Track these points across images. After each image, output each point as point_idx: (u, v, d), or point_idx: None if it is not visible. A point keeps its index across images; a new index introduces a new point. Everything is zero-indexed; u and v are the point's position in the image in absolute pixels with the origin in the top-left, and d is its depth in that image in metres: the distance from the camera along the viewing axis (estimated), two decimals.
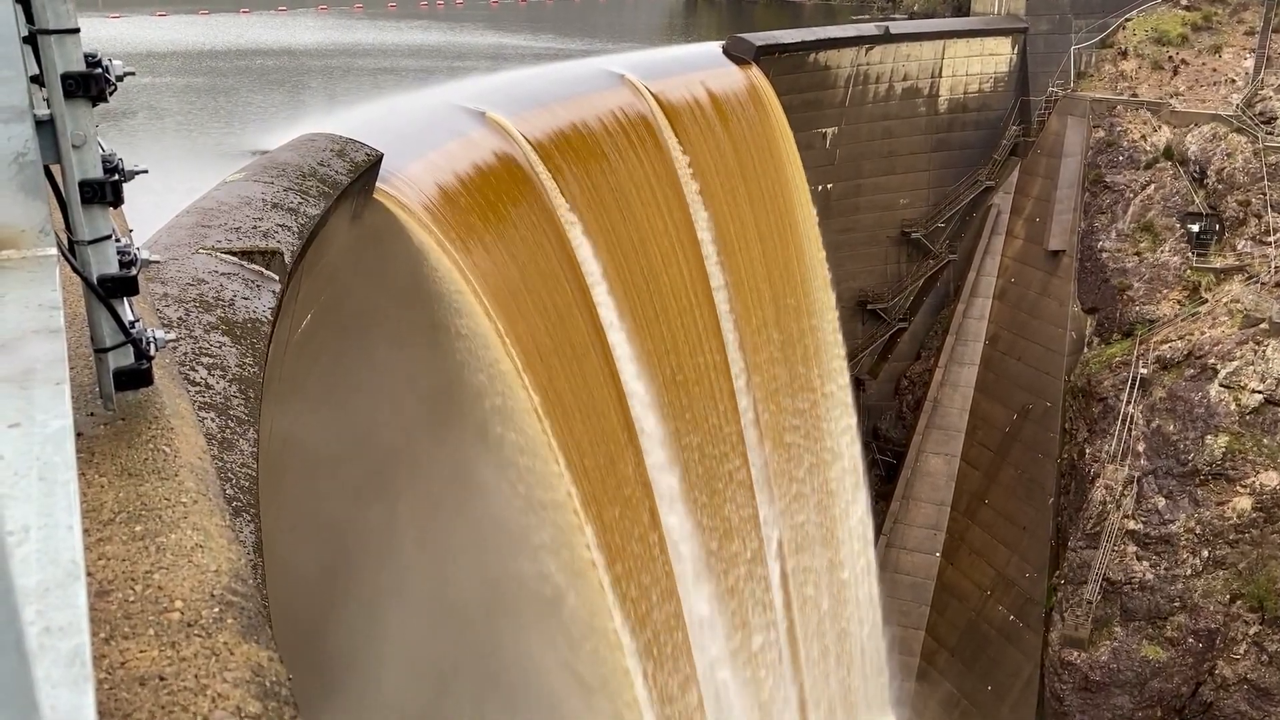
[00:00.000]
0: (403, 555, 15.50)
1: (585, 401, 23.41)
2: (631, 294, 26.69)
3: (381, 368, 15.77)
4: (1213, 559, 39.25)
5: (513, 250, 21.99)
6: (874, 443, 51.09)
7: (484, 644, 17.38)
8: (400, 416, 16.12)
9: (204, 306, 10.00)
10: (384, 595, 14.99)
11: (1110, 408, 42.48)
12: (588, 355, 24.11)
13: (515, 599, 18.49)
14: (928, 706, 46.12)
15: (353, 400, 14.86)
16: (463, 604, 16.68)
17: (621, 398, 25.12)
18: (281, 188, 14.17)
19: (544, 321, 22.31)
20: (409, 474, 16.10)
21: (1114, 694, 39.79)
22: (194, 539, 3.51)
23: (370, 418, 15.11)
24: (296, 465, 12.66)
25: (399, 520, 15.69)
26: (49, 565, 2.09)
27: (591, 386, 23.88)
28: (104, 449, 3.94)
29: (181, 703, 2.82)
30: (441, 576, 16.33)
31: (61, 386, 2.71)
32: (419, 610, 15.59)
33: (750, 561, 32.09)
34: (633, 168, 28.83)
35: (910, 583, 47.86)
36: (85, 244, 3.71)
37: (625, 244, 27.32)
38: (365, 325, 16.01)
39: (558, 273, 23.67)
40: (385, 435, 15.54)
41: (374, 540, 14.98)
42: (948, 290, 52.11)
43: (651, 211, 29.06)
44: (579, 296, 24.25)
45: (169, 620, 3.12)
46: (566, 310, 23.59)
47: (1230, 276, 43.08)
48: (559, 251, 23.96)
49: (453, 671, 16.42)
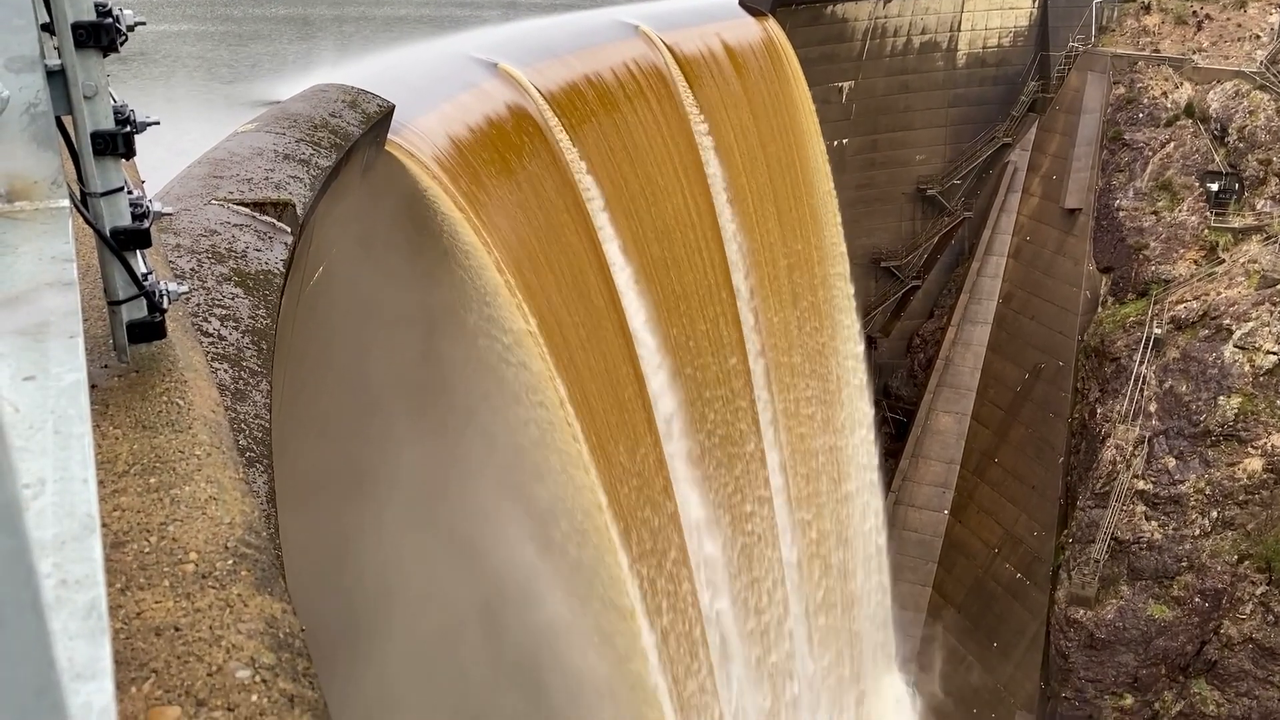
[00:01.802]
0: (407, 483, 15.74)
1: (599, 364, 23.43)
2: (644, 248, 26.58)
3: (387, 316, 15.85)
4: (1222, 520, 39.30)
5: (524, 203, 21.89)
6: (885, 401, 51.12)
7: (489, 563, 17.62)
8: (403, 362, 16.24)
9: (216, 258, 10.00)
10: (392, 525, 15.25)
11: (1123, 368, 42.33)
12: (599, 308, 24.08)
13: (518, 522, 18.68)
14: (933, 662, 46.56)
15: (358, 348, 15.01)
16: (466, 532, 16.94)
17: (633, 356, 25.12)
18: (293, 139, 14.10)
19: (555, 277, 22.27)
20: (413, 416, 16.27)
21: (1119, 652, 40.09)
22: (208, 491, 3.54)
23: (374, 363, 15.29)
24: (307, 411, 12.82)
25: (403, 456, 15.89)
26: (65, 518, 2.11)
27: (605, 347, 23.89)
28: (118, 401, 3.96)
29: (197, 653, 2.86)
30: (443, 500, 16.64)
31: (75, 339, 2.71)
32: (424, 538, 15.89)
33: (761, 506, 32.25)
34: (646, 121, 28.58)
35: (918, 540, 48.11)
36: (97, 196, 3.70)
37: (638, 198, 27.16)
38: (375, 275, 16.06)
39: (569, 226, 23.58)
40: (387, 378, 15.73)
41: (380, 472, 15.21)
42: (962, 248, 51.78)
43: (665, 165, 28.86)
44: (591, 250, 24.17)
45: (184, 572, 3.16)
46: (578, 265, 23.53)
47: (1248, 236, 42.66)
48: (571, 205, 23.85)
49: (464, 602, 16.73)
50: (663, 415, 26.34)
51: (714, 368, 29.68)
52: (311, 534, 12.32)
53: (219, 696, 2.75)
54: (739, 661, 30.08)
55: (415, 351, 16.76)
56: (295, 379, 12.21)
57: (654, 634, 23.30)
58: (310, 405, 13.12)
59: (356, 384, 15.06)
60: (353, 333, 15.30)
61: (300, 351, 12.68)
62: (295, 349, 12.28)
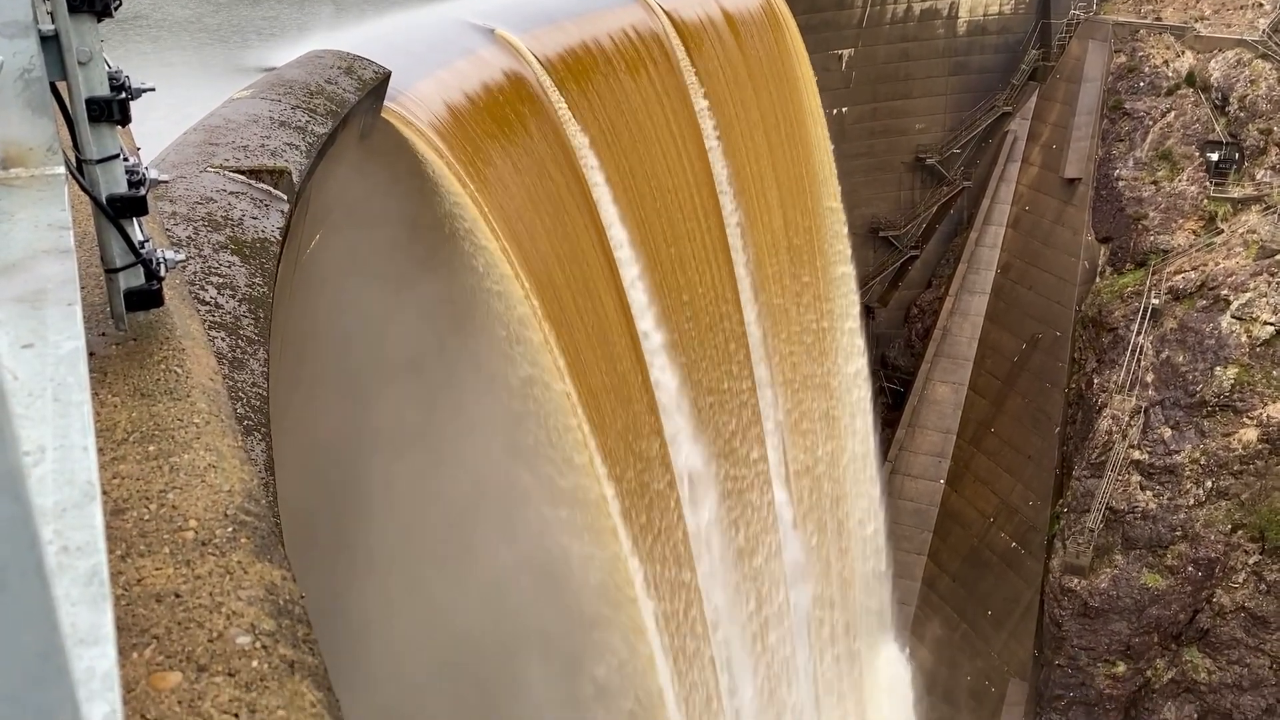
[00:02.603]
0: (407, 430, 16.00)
1: (594, 328, 23.43)
2: (640, 215, 26.50)
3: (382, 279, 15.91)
4: (1216, 489, 39.50)
5: (521, 171, 21.80)
6: (882, 370, 51.19)
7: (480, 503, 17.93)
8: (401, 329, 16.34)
9: (213, 225, 9.97)
10: (391, 476, 15.47)
11: (1120, 338, 42.38)
12: (597, 279, 24.04)
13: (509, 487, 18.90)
14: (927, 630, 46.94)
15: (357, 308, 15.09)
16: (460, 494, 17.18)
17: (630, 323, 25.10)
18: (289, 105, 14.01)
19: (553, 245, 22.22)
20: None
21: (1112, 620, 40.42)
22: (207, 459, 3.55)
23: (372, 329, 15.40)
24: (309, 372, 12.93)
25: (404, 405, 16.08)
26: (65, 485, 2.11)
27: (600, 310, 23.87)
28: (116, 369, 3.96)
29: (197, 619, 2.88)
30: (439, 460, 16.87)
31: (73, 307, 2.71)
32: (425, 483, 16.16)
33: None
34: (645, 88, 28.39)
35: (914, 509, 48.35)
36: (93, 163, 3.68)
37: (636, 166, 27.05)
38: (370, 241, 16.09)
39: (566, 194, 23.49)
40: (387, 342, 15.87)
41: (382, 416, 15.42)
42: (961, 218, 51.65)
43: (663, 132, 28.71)
44: (588, 219, 24.11)
45: (183, 539, 3.17)
46: (576, 234, 23.46)
47: (1248, 207, 42.57)
48: (569, 173, 23.74)
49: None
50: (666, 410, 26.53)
51: (710, 336, 29.70)
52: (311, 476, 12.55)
53: (220, 662, 2.78)
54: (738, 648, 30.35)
55: (412, 313, 16.84)
56: (292, 346, 12.22)
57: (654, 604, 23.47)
58: (307, 370, 13.17)
59: (351, 346, 15.11)
60: (349, 297, 15.31)
61: (298, 319, 12.68)
62: (292, 316, 12.28)
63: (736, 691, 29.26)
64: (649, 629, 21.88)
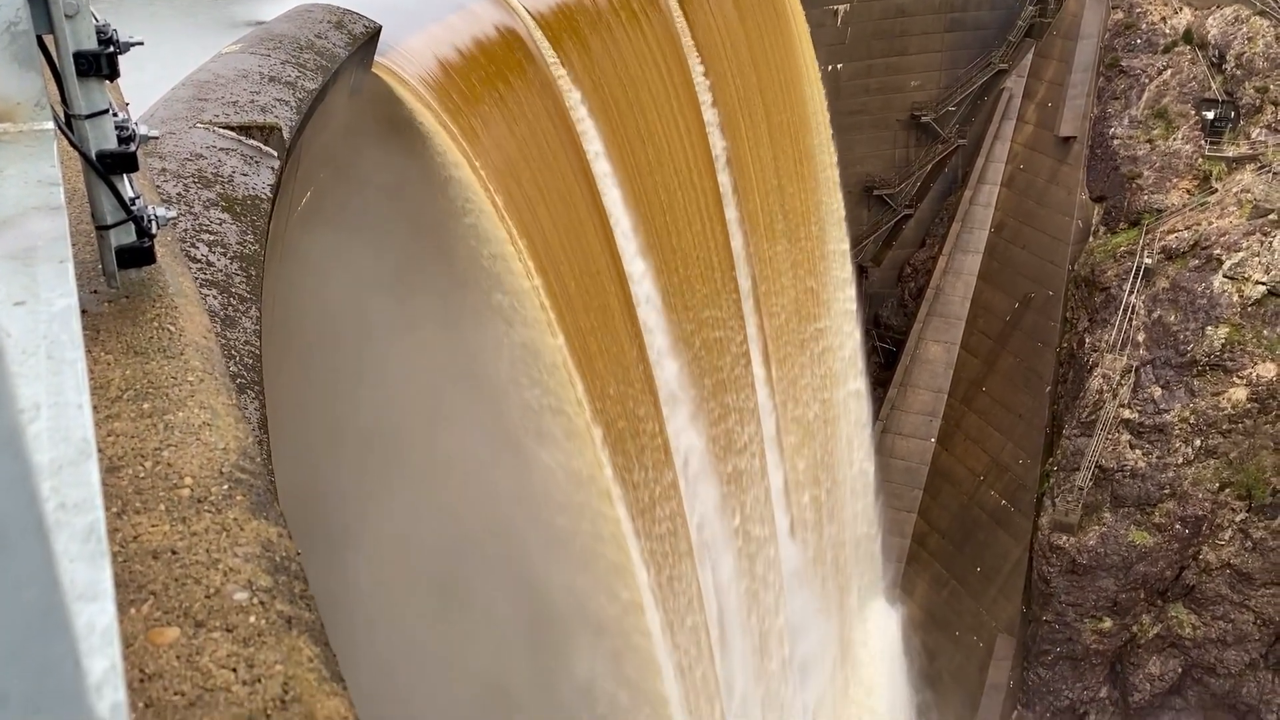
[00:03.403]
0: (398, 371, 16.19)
1: (587, 284, 23.39)
2: (633, 172, 26.37)
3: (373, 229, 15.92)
4: (1205, 448, 39.80)
5: (513, 126, 21.65)
6: (874, 330, 51.24)
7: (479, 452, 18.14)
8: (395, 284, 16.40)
9: (203, 182, 9.89)
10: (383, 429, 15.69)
11: (1113, 297, 42.45)
12: (589, 234, 23.96)
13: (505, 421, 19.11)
14: (916, 586, 47.45)
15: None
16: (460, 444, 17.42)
17: (622, 277, 25.05)
18: (279, 60, 13.84)
19: (545, 203, 22.11)
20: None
21: (1099, 577, 40.89)
22: (202, 417, 3.55)
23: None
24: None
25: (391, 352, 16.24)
26: (61, 443, 2.12)
27: (592, 267, 23.81)
28: (109, 327, 3.95)
29: (194, 575, 2.90)
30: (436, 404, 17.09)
31: (65, 265, 2.70)
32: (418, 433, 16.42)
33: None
34: (638, 43, 28.11)
35: (904, 467, 48.66)
36: (82, 119, 3.64)
37: (629, 125, 26.87)
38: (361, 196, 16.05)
39: (559, 150, 23.36)
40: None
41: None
42: (955, 176, 51.46)
43: (657, 89, 28.48)
44: (581, 176, 23.98)
45: (179, 496, 3.18)
46: (568, 191, 23.35)
47: (1242, 166, 42.47)
48: (561, 129, 23.58)
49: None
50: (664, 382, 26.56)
51: (704, 289, 29.67)
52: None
53: (217, 618, 2.80)
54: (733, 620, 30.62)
55: (404, 263, 16.86)
56: (285, 304, 12.20)
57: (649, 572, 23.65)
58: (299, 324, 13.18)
59: (345, 299, 15.12)
60: (341, 254, 15.27)
61: (289, 277, 12.65)
62: (284, 275, 12.24)
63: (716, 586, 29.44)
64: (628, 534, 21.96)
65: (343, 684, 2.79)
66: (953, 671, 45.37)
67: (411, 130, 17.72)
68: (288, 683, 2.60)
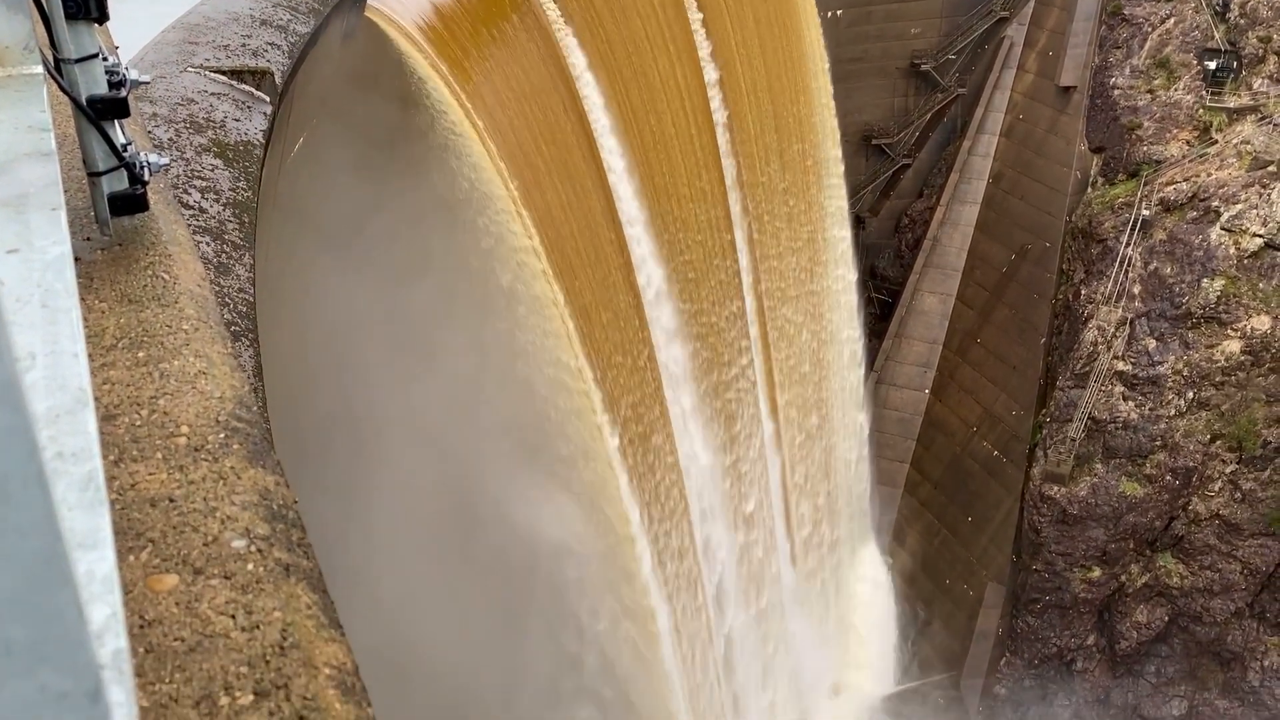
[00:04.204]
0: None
1: (584, 235, 23.28)
2: (629, 118, 26.14)
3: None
4: (1197, 400, 39.99)
5: (507, 71, 21.44)
6: (871, 281, 51.15)
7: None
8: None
9: (195, 128, 9.79)
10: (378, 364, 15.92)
11: (1109, 249, 42.36)
12: (584, 180, 23.82)
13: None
14: (908, 536, 47.91)
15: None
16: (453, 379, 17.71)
17: (617, 223, 24.94)
18: (270, 3, 13.64)
19: (540, 149, 21.94)
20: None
21: (1089, 527, 41.29)
22: (197, 366, 3.55)
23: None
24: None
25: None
26: (57, 391, 2.12)
27: (588, 212, 23.71)
28: (102, 275, 3.93)
29: (192, 524, 2.91)
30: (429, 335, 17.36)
31: (58, 212, 2.68)
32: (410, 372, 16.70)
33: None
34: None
35: (898, 418, 48.87)
36: (72, 63, 3.59)
37: (626, 71, 26.59)
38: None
39: (554, 96, 23.13)
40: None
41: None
42: (954, 126, 51.06)
43: (654, 35, 28.15)
44: (578, 126, 23.78)
45: (176, 445, 3.19)
46: (564, 139, 23.16)
47: (1243, 117, 42.16)
48: (557, 75, 23.34)
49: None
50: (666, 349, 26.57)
51: (704, 247, 29.57)
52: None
53: (215, 565, 2.82)
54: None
55: (398, 211, 16.81)
56: (279, 247, 12.14)
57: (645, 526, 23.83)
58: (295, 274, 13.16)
59: (340, 247, 15.08)
60: (335, 201, 15.19)
61: (281, 222, 12.58)
62: (276, 222, 12.17)
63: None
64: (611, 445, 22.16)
65: (341, 630, 2.82)
66: (943, 619, 46.00)
67: (406, 76, 17.52)
68: (286, 629, 2.63)
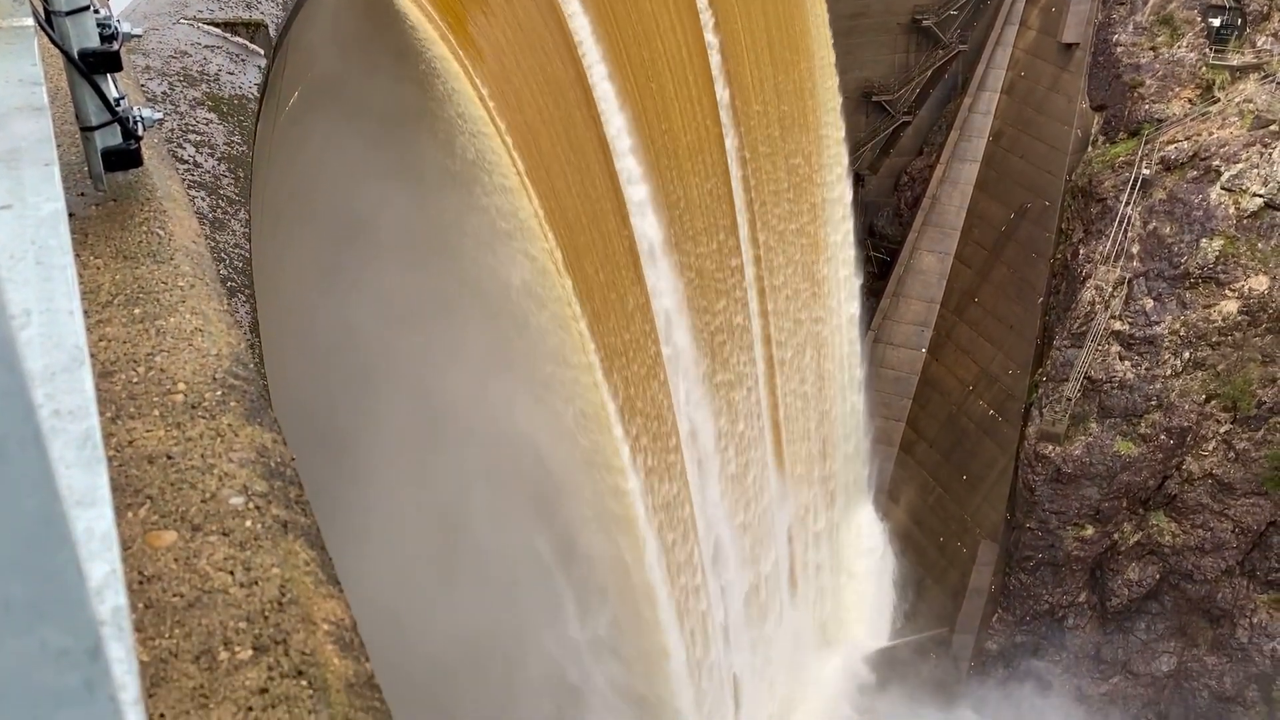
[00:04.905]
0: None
1: (581, 192, 23.15)
2: (626, 68, 25.89)
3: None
4: (1193, 360, 40.07)
5: (501, 27, 21.20)
6: (869, 240, 50.98)
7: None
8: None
9: (188, 81, 9.69)
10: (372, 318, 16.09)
11: (1109, 208, 42.20)
12: (581, 134, 23.64)
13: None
14: (903, 493, 48.21)
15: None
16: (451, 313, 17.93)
17: (613, 176, 24.79)
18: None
19: (537, 104, 21.75)
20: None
21: (1083, 485, 41.54)
22: (193, 323, 3.54)
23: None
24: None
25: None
26: (53, 349, 2.11)
27: (585, 165, 23.55)
28: (97, 231, 3.91)
29: (190, 480, 2.92)
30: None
31: (51, 167, 2.66)
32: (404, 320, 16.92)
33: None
34: None
35: (894, 377, 48.96)
36: (63, 15, 3.54)
37: (624, 24, 26.28)
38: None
39: (551, 50, 22.88)
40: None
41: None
42: (955, 83, 50.62)
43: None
44: (575, 78, 23.54)
45: (173, 402, 3.19)
46: (560, 90, 22.95)
47: (1246, 75, 41.81)
48: (555, 30, 23.08)
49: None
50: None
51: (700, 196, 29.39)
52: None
53: (213, 522, 2.84)
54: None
55: (393, 162, 16.73)
56: (273, 207, 12.06)
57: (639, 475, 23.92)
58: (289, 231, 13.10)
59: (335, 207, 15.02)
60: (331, 153, 15.08)
61: (277, 179, 12.49)
62: (272, 178, 12.08)
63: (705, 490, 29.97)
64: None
65: (339, 586, 2.84)
66: (936, 576, 46.42)
67: (400, 30, 17.31)
68: (285, 585, 2.65)
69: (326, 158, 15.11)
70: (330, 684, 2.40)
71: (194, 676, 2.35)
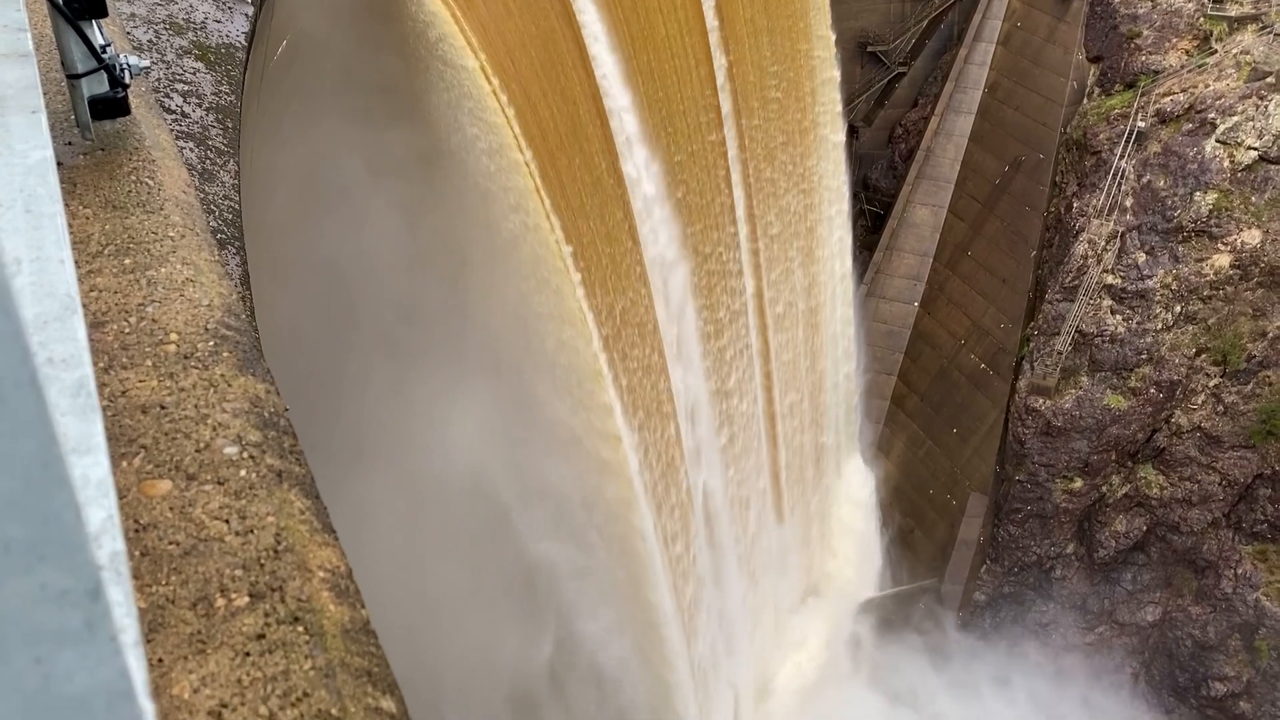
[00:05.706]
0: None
1: (576, 154, 22.97)
2: (620, 19, 25.59)
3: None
4: (1185, 314, 40.18)
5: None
6: (863, 193, 50.77)
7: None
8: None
9: (175, 29, 9.55)
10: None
11: (1103, 161, 42.04)
12: (575, 91, 23.41)
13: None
14: (893, 446, 48.50)
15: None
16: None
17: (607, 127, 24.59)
18: None
19: (534, 63, 21.49)
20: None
21: (1073, 439, 41.83)
22: (184, 273, 3.53)
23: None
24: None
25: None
26: (45, 298, 2.11)
27: (579, 117, 23.35)
28: (85, 180, 3.88)
29: (184, 430, 2.93)
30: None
31: (38, 114, 2.63)
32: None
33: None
34: None
35: (886, 331, 49.03)
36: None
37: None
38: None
39: (548, 10, 22.58)
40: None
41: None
42: (951, 33, 50.13)
43: None
44: (569, 34, 23.26)
45: (166, 352, 3.19)
46: (556, 49, 22.68)
47: (1244, 26, 41.47)
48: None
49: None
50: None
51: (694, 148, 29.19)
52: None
53: (208, 471, 2.85)
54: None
55: (384, 117, 16.60)
56: (262, 159, 11.96)
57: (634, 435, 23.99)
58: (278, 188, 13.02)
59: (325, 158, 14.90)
60: (318, 108, 14.91)
61: (266, 130, 12.38)
62: (261, 127, 11.96)
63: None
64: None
65: (334, 534, 2.86)
66: (925, 528, 46.87)
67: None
68: (280, 533, 2.67)
69: (314, 108, 14.97)
70: (326, 629, 2.43)
71: (191, 622, 2.38)
